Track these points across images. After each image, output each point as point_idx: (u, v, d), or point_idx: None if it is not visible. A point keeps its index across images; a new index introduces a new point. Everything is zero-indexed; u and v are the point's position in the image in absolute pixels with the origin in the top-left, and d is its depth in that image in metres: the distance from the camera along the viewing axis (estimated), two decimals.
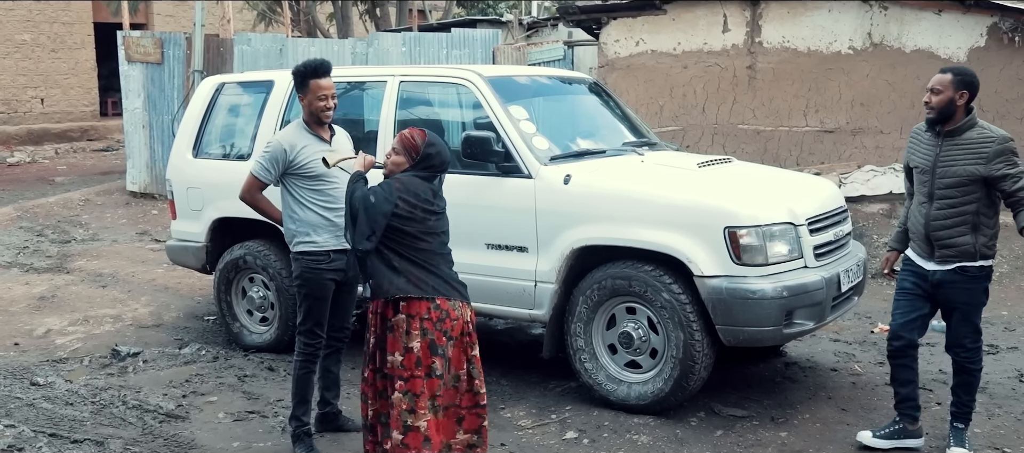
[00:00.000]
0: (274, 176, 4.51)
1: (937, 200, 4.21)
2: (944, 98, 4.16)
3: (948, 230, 4.19)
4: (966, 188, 4.14)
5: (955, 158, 4.15)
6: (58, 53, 21.13)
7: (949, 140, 4.19)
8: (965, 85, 4.15)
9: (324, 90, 4.45)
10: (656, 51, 10.04)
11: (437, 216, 3.92)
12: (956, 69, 4.25)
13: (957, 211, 4.16)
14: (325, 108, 4.46)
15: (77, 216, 11.96)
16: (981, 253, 4.20)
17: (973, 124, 4.16)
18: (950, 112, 4.17)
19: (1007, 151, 4.10)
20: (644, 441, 4.65)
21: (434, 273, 3.87)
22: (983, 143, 4.11)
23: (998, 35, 8.83)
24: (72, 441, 4.67)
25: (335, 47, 12.80)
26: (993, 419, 4.88)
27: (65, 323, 7.05)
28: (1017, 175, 4.08)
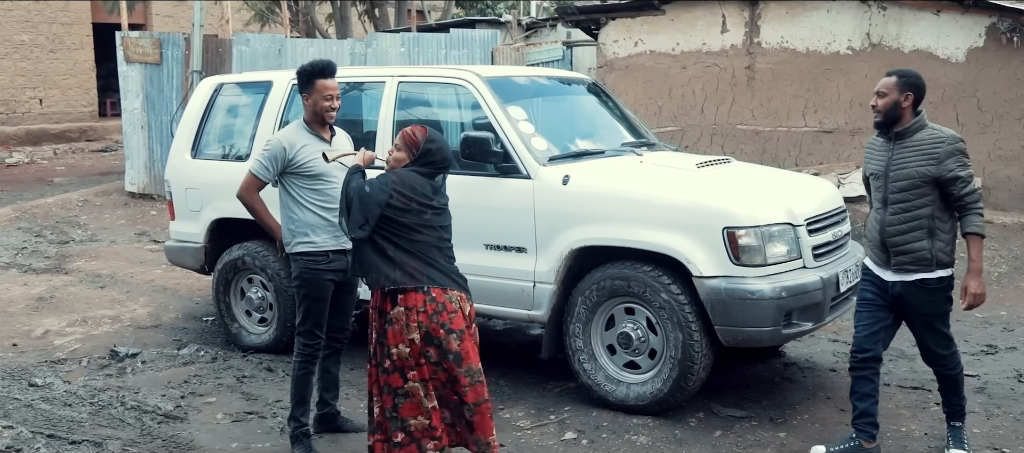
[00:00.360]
0: (273, 175, 4.50)
1: (891, 205, 4.13)
2: (889, 101, 4.11)
3: (903, 235, 4.10)
4: (919, 191, 4.07)
5: (906, 160, 4.09)
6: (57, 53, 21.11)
7: (900, 143, 4.13)
8: (909, 87, 4.10)
9: (330, 90, 4.45)
10: (655, 51, 10.05)
11: (435, 211, 3.91)
12: (900, 71, 4.22)
13: (911, 215, 4.08)
14: (330, 108, 4.46)
15: (75, 217, 11.95)
16: (937, 260, 4.09)
17: (922, 125, 4.12)
18: (896, 114, 4.12)
19: (958, 151, 4.05)
20: (643, 442, 4.65)
21: (430, 264, 3.86)
22: (934, 143, 4.06)
23: (996, 35, 8.84)
24: (70, 442, 4.67)
25: (334, 47, 12.79)
26: (992, 419, 4.88)
27: (63, 324, 7.05)
28: (967, 178, 4.04)
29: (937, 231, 4.09)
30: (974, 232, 4.08)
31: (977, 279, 4.09)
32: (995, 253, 8.31)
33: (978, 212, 4.08)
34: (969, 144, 9.12)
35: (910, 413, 5.00)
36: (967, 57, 8.98)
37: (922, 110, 4.16)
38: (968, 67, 8.99)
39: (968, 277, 4.09)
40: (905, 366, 5.81)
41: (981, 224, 4.08)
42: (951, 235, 4.12)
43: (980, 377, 5.55)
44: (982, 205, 4.11)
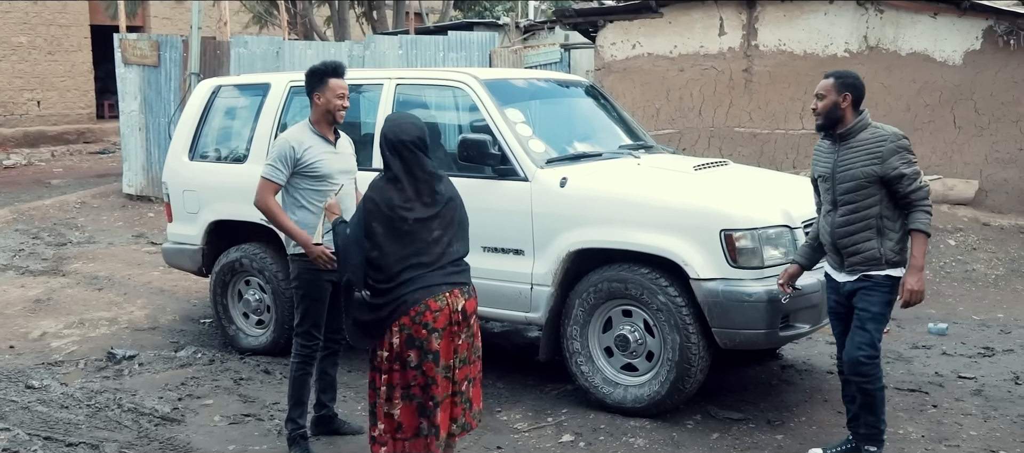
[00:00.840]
0: (285, 175, 4.50)
1: (840, 207, 4.10)
2: (828, 103, 4.10)
3: (852, 236, 4.07)
4: (866, 191, 4.02)
5: (851, 161, 4.06)
6: (55, 55, 21.10)
7: (844, 144, 4.10)
8: (847, 87, 4.09)
9: (341, 89, 4.47)
10: (652, 54, 10.06)
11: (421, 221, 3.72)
12: (837, 73, 4.20)
13: (860, 216, 4.04)
14: (341, 106, 4.47)
15: (73, 219, 11.94)
16: (887, 260, 4.04)
17: (865, 125, 4.09)
18: (836, 116, 4.10)
19: (901, 148, 4.00)
20: (640, 444, 4.65)
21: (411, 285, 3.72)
22: (877, 142, 4.02)
23: (993, 38, 8.85)
24: (67, 444, 4.66)
25: (332, 49, 12.81)
26: (989, 422, 4.89)
27: (61, 326, 7.04)
28: (912, 176, 3.99)
29: (886, 231, 4.05)
30: (919, 229, 3.99)
31: (916, 275, 3.97)
32: (992, 256, 8.32)
33: (925, 209, 4.00)
34: (966, 147, 9.27)
35: (907, 415, 5.00)
36: (964, 60, 9.00)
37: (865, 110, 4.13)
38: (965, 70, 9.00)
39: (907, 273, 4.00)
40: (902, 368, 5.82)
41: (927, 222, 4.00)
42: (901, 235, 4.06)
43: (977, 379, 5.56)
44: (929, 203, 4.04)
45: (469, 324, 3.86)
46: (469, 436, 4.76)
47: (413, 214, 3.72)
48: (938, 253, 8.42)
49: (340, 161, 4.53)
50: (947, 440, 4.65)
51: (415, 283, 3.72)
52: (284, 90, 6.22)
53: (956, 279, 8.06)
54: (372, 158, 5.57)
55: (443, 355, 3.76)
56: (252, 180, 6.06)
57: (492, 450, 4.64)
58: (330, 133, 4.54)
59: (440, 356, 3.75)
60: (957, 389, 5.40)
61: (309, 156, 4.46)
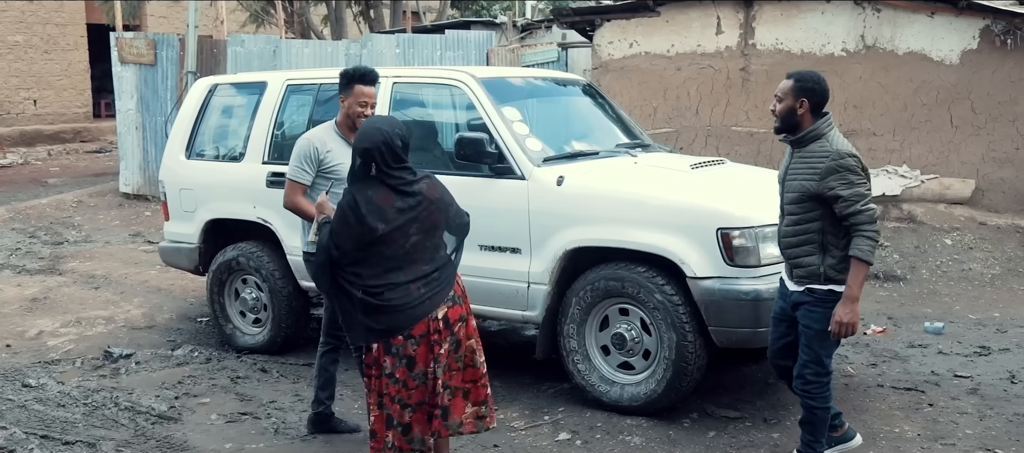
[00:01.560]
0: (310, 175, 4.54)
1: (785, 216, 3.97)
2: (785, 106, 3.89)
3: (795, 248, 3.92)
4: (806, 205, 3.84)
5: (797, 172, 3.88)
6: (51, 54, 21.07)
7: (797, 152, 3.92)
8: (804, 92, 3.85)
9: (366, 96, 4.49)
10: (650, 53, 10.06)
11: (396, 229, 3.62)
12: (798, 74, 3.94)
13: (802, 228, 3.88)
14: (361, 113, 4.48)
15: (70, 218, 11.93)
16: (828, 276, 3.84)
17: (818, 135, 3.85)
18: (792, 121, 3.89)
19: (841, 169, 3.74)
20: (637, 442, 4.66)
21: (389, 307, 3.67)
22: (820, 158, 3.79)
23: (990, 38, 8.86)
24: (64, 443, 4.66)
25: (329, 48, 12.79)
26: (985, 420, 4.89)
27: (57, 325, 7.03)
28: (851, 199, 3.73)
29: (830, 247, 3.85)
30: (856, 256, 3.73)
31: (849, 307, 3.75)
32: (989, 255, 8.34)
33: (866, 235, 3.73)
34: (963, 146, 9.27)
35: (903, 414, 5.01)
36: (961, 59, 9.00)
37: (826, 115, 3.90)
38: (962, 69, 9.01)
39: (840, 303, 3.78)
40: (898, 367, 5.83)
41: (866, 249, 3.72)
42: (845, 252, 3.81)
43: (973, 378, 5.57)
44: (872, 229, 3.75)
45: (452, 332, 3.75)
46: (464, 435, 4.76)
47: (384, 225, 3.59)
48: (934, 252, 8.44)
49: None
50: (943, 438, 4.66)
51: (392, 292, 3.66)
52: (281, 89, 6.21)
53: (952, 278, 8.07)
54: None
55: (419, 361, 3.70)
56: (248, 179, 6.14)
57: (489, 448, 4.64)
58: (353, 135, 4.49)
59: (415, 361, 3.69)
60: (953, 388, 5.41)
61: (330, 159, 4.49)
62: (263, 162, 6.12)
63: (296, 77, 6.37)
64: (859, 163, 3.80)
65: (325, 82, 6.22)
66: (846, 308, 3.76)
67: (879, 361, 5.95)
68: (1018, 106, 8.90)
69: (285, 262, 6.03)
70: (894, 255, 8.47)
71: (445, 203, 3.81)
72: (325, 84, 6.19)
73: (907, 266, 8.29)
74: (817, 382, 3.94)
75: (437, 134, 5.85)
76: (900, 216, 9.04)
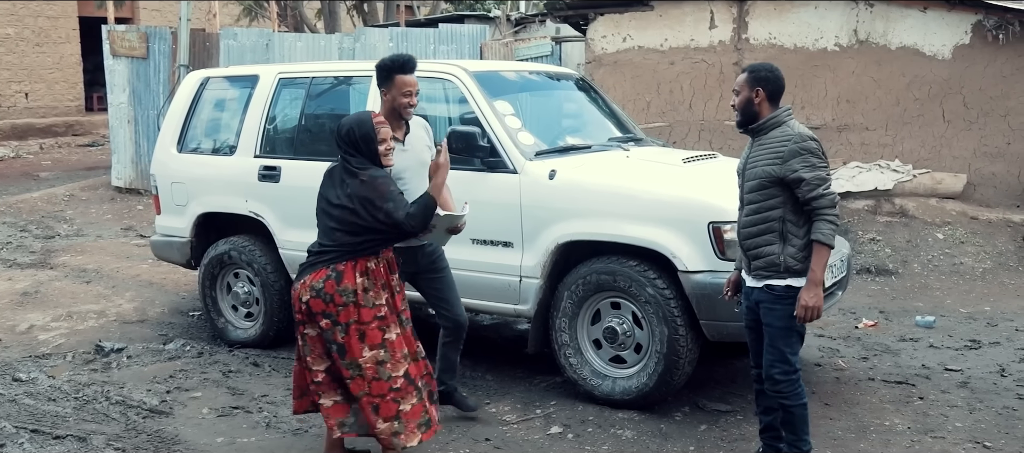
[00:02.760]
0: None
1: (745, 205, 3.95)
2: (743, 98, 3.93)
3: (754, 238, 3.89)
4: (767, 191, 3.82)
5: (757, 159, 3.89)
6: (43, 47, 20.96)
7: (756, 141, 3.95)
8: (759, 82, 3.90)
9: (408, 86, 4.41)
10: (643, 47, 10.06)
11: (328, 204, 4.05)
12: (752, 67, 4.01)
13: (762, 217, 3.85)
14: (408, 104, 4.42)
15: (61, 211, 11.89)
16: (787, 266, 3.81)
17: (779, 123, 3.88)
18: (751, 112, 3.92)
19: (804, 151, 3.75)
20: (628, 436, 4.66)
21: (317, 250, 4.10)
22: (782, 142, 3.80)
23: (982, 33, 8.88)
24: (54, 437, 4.65)
25: (322, 42, 12.76)
26: (974, 413, 4.92)
27: (48, 319, 7.01)
28: (813, 182, 3.73)
29: (789, 236, 3.82)
30: (819, 240, 3.73)
31: (813, 291, 3.74)
32: (980, 249, 8.37)
33: (827, 219, 3.74)
34: (955, 141, 9.30)
35: (893, 407, 5.03)
36: (953, 54, 9.02)
37: (785, 107, 3.93)
38: (954, 64, 9.03)
39: (804, 287, 3.76)
40: (889, 361, 5.85)
41: (829, 233, 3.73)
42: (806, 242, 3.80)
43: (963, 371, 5.59)
44: (834, 213, 3.76)
45: (314, 322, 4.01)
46: (458, 427, 4.78)
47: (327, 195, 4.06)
48: (926, 246, 8.47)
49: (409, 157, 4.47)
50: (933, 432, 4.68)
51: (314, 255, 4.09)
52: (273, 82, 6.20)
53: (944, 272, 8.10)
54: None
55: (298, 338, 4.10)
56: (240, 172, 6.13)
57: (481, 442, 4.64)
58: (399, 129, 4.48)
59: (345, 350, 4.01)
60: (943, 381, 5.43)
61: None
62: (255, 156, 6.10)
63: (288, 70, 6.35)
64: (820, 147, 3.82)
65: (317, 75, 6.22)
66: (810, 292, 3.75)
67: (870, 355, 5.97)
68: (1010, 101, 8.92)
69: (277, 256, 6.02)
70: (886, 249, 8.49)
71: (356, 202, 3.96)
72: (317, 77, 6.19)
73: (899, 260, 8.32)
74: (786, 380, 3.89)
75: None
76: (892, 210, 9.06)
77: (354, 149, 3.99)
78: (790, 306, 3.82)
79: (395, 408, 3.99)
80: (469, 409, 4.87)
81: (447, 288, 4.71)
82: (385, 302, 4.04)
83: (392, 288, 4.12)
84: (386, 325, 4.02)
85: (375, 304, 4.00)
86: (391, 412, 3.99)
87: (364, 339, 3.97)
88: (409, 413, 4.03)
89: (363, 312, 3.97)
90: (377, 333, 3.99)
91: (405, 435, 4.03)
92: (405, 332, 4.16)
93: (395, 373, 4.01)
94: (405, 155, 4.46)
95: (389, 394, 3.98)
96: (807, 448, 4.01)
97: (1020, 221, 8.63)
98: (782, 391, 3.91)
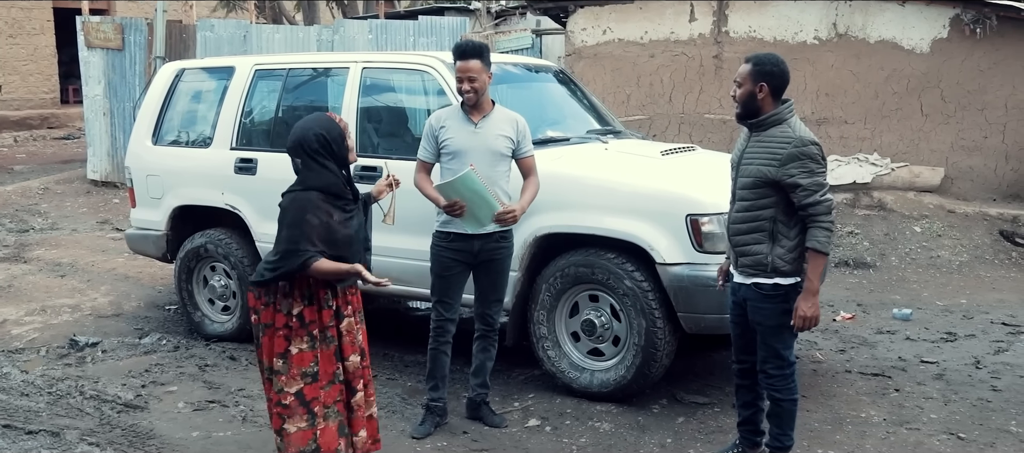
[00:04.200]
0: (431, 153, 4.56)
1: (736, 201, 3.87)
2: (745, 91, 3.77)
3: (743, 235, 3.81)
4: (760, 191, 3.73)
5: (754, 156, 3.77)
6: (16, 39, 20.68)
7: (755, 137, 3.81)
8: (763, 76, 3.73)
9: (462, 71, 4.43)
10: (623, 40, 10.05)
11: None
12: (757, 58, 3.81)
13: (753, 215, 3.77)
14: (462, 89, 4.46)
15: (36, 205, 11.74)
16: (775, 267, 3.74)
17: (780, 120, 3.74)
18: (753, 106, 3.77)
19: (803, 156, 3.64)
20: (606, 428, 4.66)
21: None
22: (781, 143, 3.68)
23: (960, 26, 8.94)
24: (27, 432, 4.59)
25: (300, 34, 12.66)
26: (949, 405, 4.95)
27: (21, 313, 6.92)
28: (811, 188, 3.63)
29: (779, 236, 3.74)
30: (813, 248, 3.66)
31: (809, 300, 3.68)
32: (956, 242, 8.43)
33: (822, 226, 3.65)
34: (933, 134, 9.35)
35: (870, 399, 5.05)
36: (931, 48, 9.07)
37: (788, 101, 3.80)
38: (932, 58, 9.08)
39: (801, 296, 3.70)
40: (866, 353, 5.88)
41: (824, 240, 3.65)
42: (796, 243, 3.74)
43: (939, 364, 5.63)
44: (829, 220, 3.67)
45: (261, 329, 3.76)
46: None
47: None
48: (904, 240, 8.52)
49: (476, 140, 4.47)
50: (908, 423, 4.70)
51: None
52: (249, 73, 6.14)
53: (921, 265, 8.15)
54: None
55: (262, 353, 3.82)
56: (216, 165, 6.07)
57: (459, 435, 4.63)
58: (476, 113, 4.52)
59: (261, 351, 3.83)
60: (919, 373, 5.46)
61: (442, 135, 4.51)
62: (231, 148, 6.05)
63: (264, 62, 6.29)
64: (821, 152, 3.71)
65: (294, 67, 6.16)
66: (807, 302, 3.69)
67: (847, 347, 6.00)
68: (987, 95, 8.99)
69: (254, 249, 5.97)
70: (864, 242, 8.54)
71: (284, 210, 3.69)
72: (294, 69, 6.14)
73: (876, 253, 8.36)
74: (780, 375, 3.87)
75: (407, 120, 5.81)
76: (870, 204, 9.11)
77: (328, 153, 3.68)
78: (779, 304, 3.78)
79: (279, 423, 3.72)
80: (493, 425, 4.72)
81: (490, 287, 4.66)
82: (297, 314, 3.69)
83: (321, 301, 3.72)
84: (290, 335, 3.68)
85: (289, 312, 3.69)
86: (276, 426, 3.74)
87: (273, 345, 3.71)
88: (293, 436, 3.68)
89: (277, 317, 3.69)
90: (282, 342, 3.69)
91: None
92: (326, 350, 3.73)
93: (287, 388, 3.68)
94: (475, 137, 4.46)
95: (276, 408, 3.72)
96: (789, 443, 3.99)
97: (996, 215, 8.70)
98: (775, 385, 3.89)
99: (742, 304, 3.94)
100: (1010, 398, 5.02)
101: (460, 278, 4.60)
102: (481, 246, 4.52)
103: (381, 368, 5.64)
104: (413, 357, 5.84)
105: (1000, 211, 8.73)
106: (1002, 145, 9.03)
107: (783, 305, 3.78)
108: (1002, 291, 7.46)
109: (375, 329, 6.30)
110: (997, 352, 5.85)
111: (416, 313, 7.09)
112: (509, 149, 4.55)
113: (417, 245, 5.05)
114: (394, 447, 4.46)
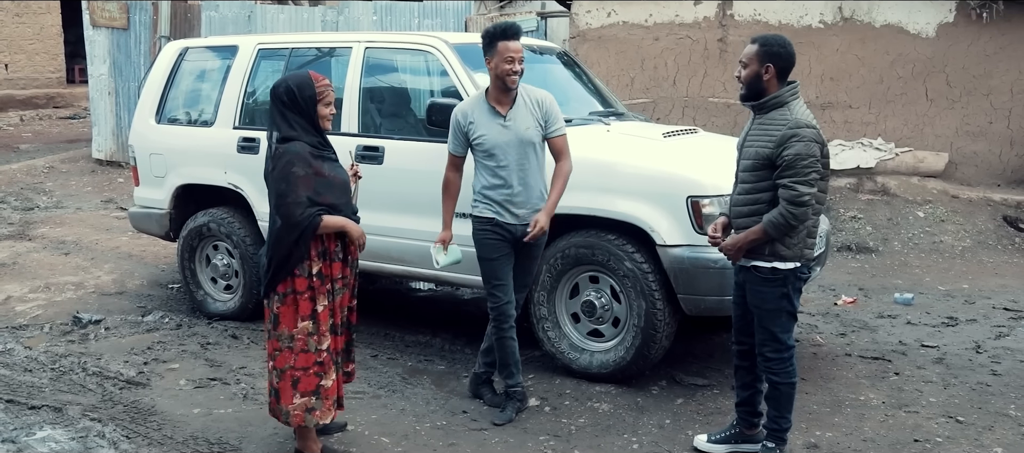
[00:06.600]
0: (460, 147, 4.50)
1: (738, 183, 3.87)
2: (751, 72, 3.73)
3: (744, 218, 3.80)
4: (759, 173, 3.71)
5: (754, 139, 3.75)
6: (23, 18, 20.67)
7: (757, 119, 3.79)
8: (770, 57, 3.69)
9: (511, 52, 4.32)
10: (628, 22, 10.01)
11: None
12: (764, 39, 3.77)
13: (752, 198, 3.76)
14: (511, 71, 4.34)
15: (41, 183, 11.78)
16: (773, 251, 3.73)
17: (782, 103, 3.70)
18: (758, 87, 3.73)
19: (796, 139, 3.60)
20: (605, 409, 4.68)
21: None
22: (778, 125, 3.65)
23: (966, 11, 8.89)
24: (30, 407, 4.62)
25: (305, 14, 12.64)
26: (949, 389, 4.95)
27: (26, 290, 6.96)
28: (793, 163, 3.59)
29: None
30: (765, 223, 3.67)
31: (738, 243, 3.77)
32: (960, 228, 8.41)
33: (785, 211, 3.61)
34: (937, 119, 9.31)
35: (869, 382, 5.06)
36: (937, 33, 9.03)
37: (794, 84, 3.76)
38: (938, 43, 9.04)
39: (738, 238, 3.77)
40: (867, 337, 5.88)
41: (779, 224, 3.64)
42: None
43: (940, 348, 5.63)
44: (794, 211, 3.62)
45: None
46: (435, 400, 4.79)
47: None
48: (907, 224, 8.51)
49: (507, 134, 4.39)
50: (907, 406, 4.71)
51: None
52: (252, 53, 6.14)
53: (923, 250, 8.14)
54: (342, 122, 5.53)
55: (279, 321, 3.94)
56: (219, 144, 6.08)
57: (458, 414, 4.65)
58: (505, 100, 4.42)
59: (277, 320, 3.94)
60: (919, 357, 5.47)
61: (472, 131, 4.41)
62: (234, 127, 6.05)
63: (268, 41, 6.29)
64: (817, 135, 3.65)
65: (297, 47, 6.16)
66: (734, 242, 3.78)
67: (848, 331, 6.01)
68: (992, 80, 8.95)
69: (256, 228, 5.99)
70: (867, 227, 8.53)
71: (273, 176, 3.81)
72: (297, 48, 6.13)
73: (879, 238, 8.36)
74: (777, 358, 3.86)
75: (410, 100, 5.80)
76: (874, 189, 9.09)
77: (293, 107, 3.77)
78: (776, 288, 3.78)
79: (316, 382, 3.83)
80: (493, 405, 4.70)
81: (521, 272, 4.62)
82: (317, 273, 3.83)
83: (331, 254, 3.88)
84: (315, 295, 3.83)
85: (309, 274, 3.81)
86: (311, 386, 3.84)
87: (297, 309, 3.81)
88: (329, 389, 3.87)
89: (297, 281, 3.80)
90: (307, 304, 3.81)
91: (321, 412, 3.87)
92: (334, 302, 3.90)
93: (320, 346, 3.84)
94: (505, 131, 4.39)
95: (313, 368, 3.83)
96: (787, 426, 4.00)
97: (1000, 200, 8.68)
98: (773, 368, 3.89)
99: (743, 286, 3.95)
100: (1010, 382, 5.03)
101: (508, 259, 4.53)
102: (523, 231, 4.46)
103: (382, 348, 5.67)
104: (414, 337, 5.86)
105: (1004, 196, 8.71)
106: (1007, 130, 9.00)
107: (781, 289, 3.79)
108: (1004, 276, 7.46)
109: (377, 309, 6.35)
110: (998, 337, 5.85)
111: (417, 294, 7.12)
112: (539, 134, 4.49)
113: (418, 226, 5.06)
114: (394, 425, 4.48)
